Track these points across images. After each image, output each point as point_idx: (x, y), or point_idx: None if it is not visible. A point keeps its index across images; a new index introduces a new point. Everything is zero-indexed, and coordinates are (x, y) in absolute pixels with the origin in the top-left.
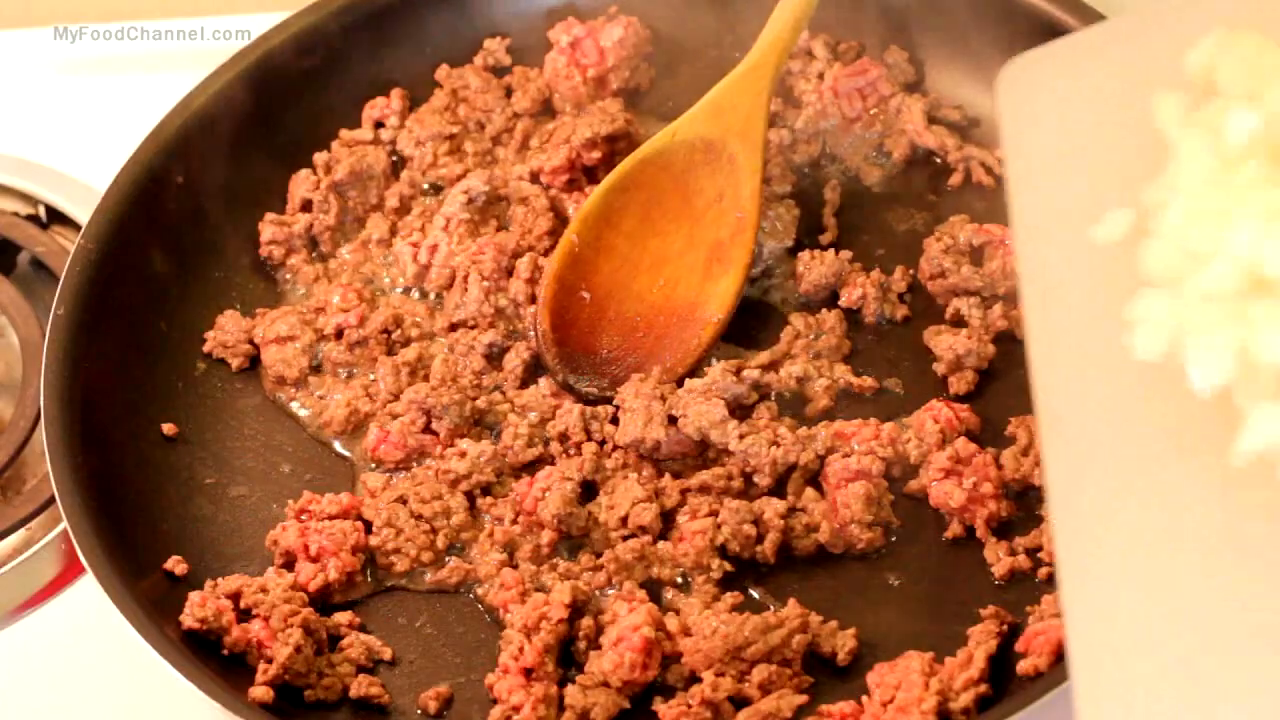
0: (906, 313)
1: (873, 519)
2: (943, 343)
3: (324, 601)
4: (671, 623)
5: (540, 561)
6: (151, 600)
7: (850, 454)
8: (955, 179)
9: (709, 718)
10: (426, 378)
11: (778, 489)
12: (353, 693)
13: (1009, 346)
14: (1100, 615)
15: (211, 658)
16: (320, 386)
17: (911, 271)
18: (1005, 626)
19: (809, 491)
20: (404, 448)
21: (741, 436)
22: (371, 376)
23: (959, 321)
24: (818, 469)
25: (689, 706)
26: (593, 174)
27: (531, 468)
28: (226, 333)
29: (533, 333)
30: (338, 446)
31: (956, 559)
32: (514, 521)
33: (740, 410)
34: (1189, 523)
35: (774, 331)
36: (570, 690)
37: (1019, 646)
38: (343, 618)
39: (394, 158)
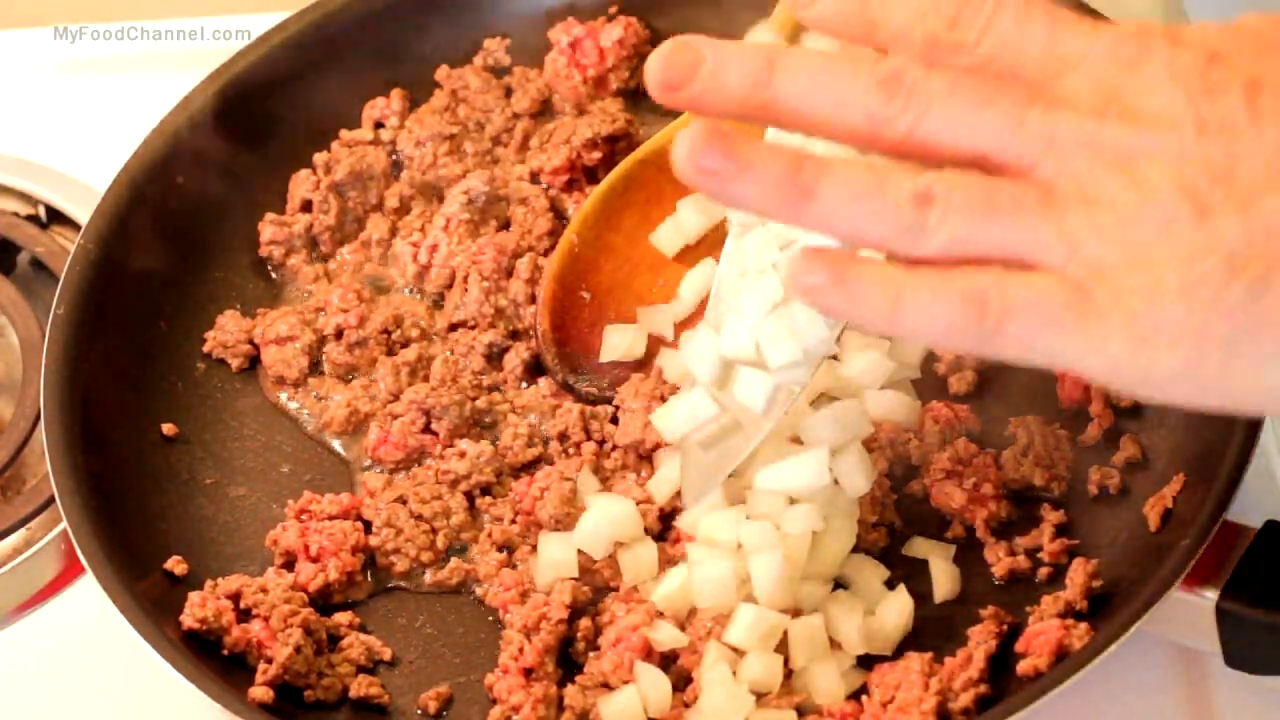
0: None
1: (876, 519)
2: None
3: (324, 601)
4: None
5: None
6: (151, 600)
7: None
8: None
9: None
10: (426, 378)
11: None
12: (353, 693)
13: None
14: None
15: (211, 658)
16: (320, 387)
17: None
18: (1005, 626)
19: None
20: (404, 448)
21: None
22: (371, 377)
23: None
24: None
25: (685, 706)
26: (593, 174)
27: (531, 468)
28: (226, 333)
29: (533, 333)
30: (337, 446)
31: (956, 559)
32: (513, 521)
33: None
34: None
35: None
36: (570, 690)
37: (1019, 647)
38: (343, 618)
39: (394, 158)
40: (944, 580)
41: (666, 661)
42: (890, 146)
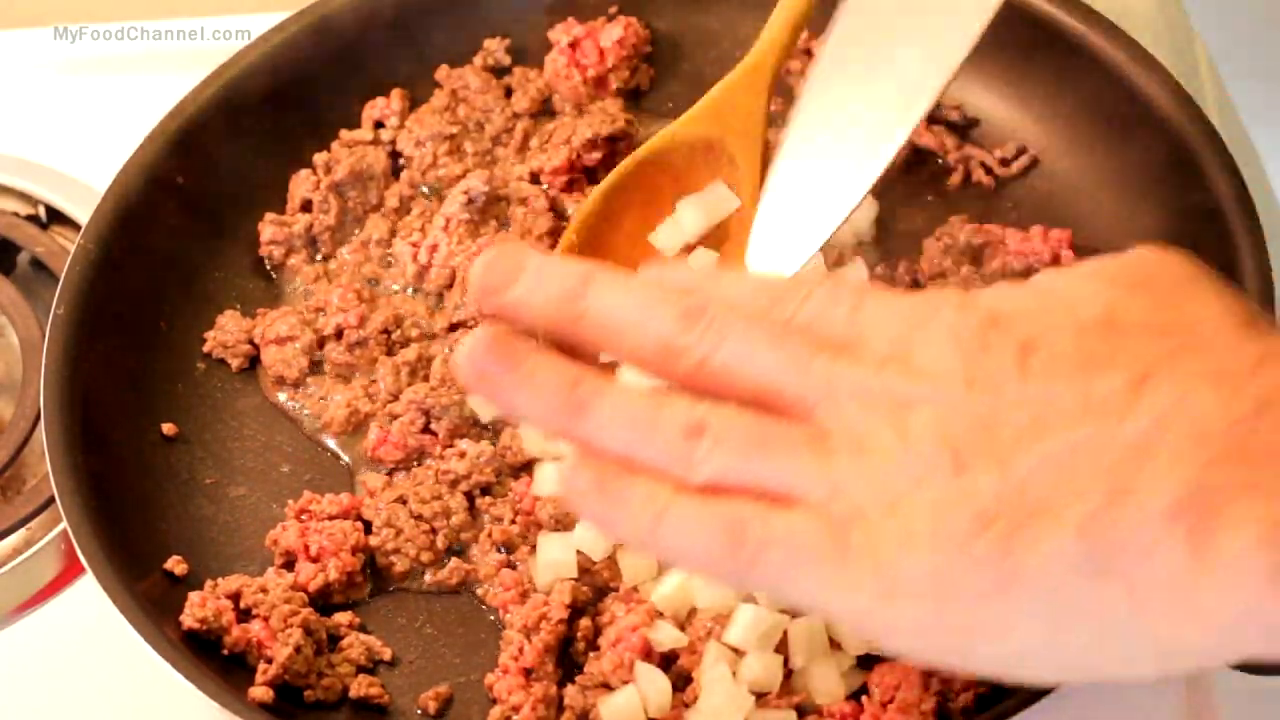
0: None
1: None
2: None
3: (324, 601)
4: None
5: None
6: (151, 600)
7: None
8: (955, 179)
9: None
10: (426, 378)
11: None
12: (352, 693)
13: None
14: None
15: (211, 658)
16: (320, 387)
17: (915, 268)
18: None
19: None
20: (404, 448)
21: None
22: (371, 377)
23: None
24: None
25: (685, 706)
26: (593, 174)
27: (531, 468)
28: (226, 333)
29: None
30: (336, 447)
31: None
32: (513, 521)
33: None
34: None
35: None
36: (570, 690)
37: None
38: (343, 618)
39: (394, 158)
40: None
41: (666, 661)
42: (682, 376)
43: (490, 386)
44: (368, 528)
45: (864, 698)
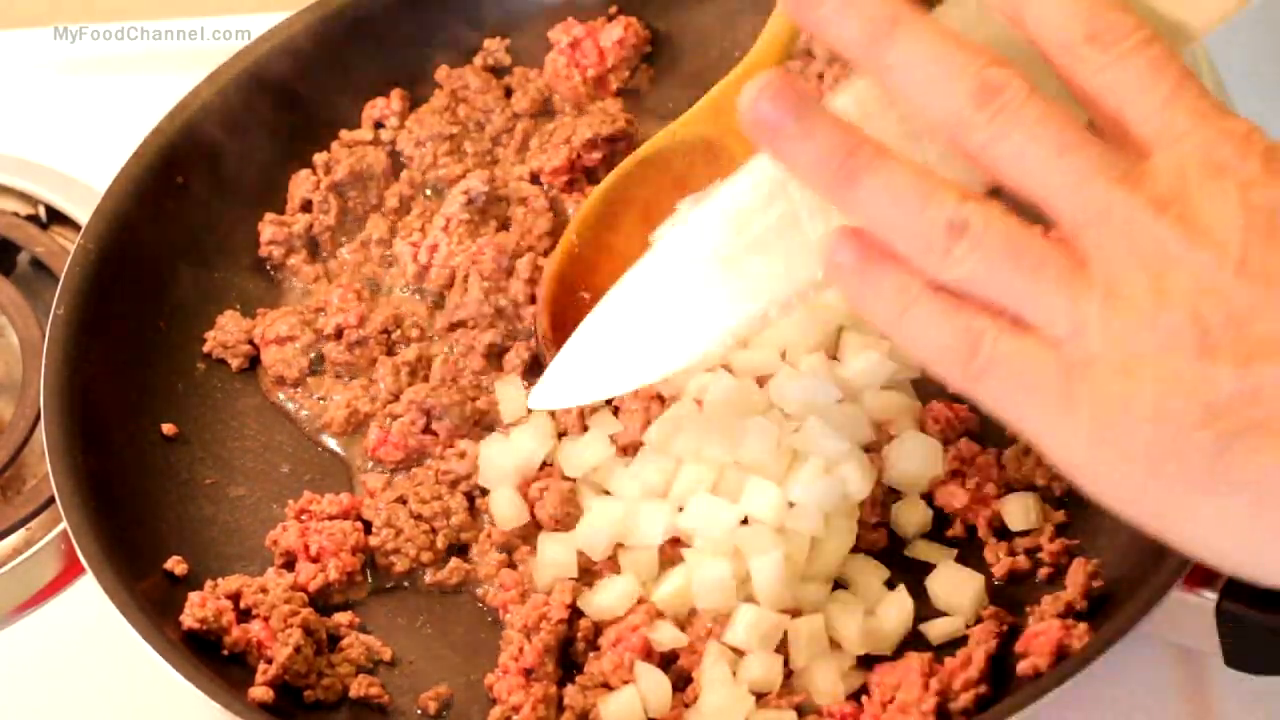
0: None
1: (877, 520)
2: None
3: (324, 601)
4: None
5: None
6: (151, 600)
7: None
8: None
9: None
10: (426, 378)
11: None
12: (352, 693)
13: None
14: None
15: (211, 658)
16: (320, 387)
17: None
18: (1005, 626)
19: None
20: (404, 448)
21: None
22: (371, 377)
23: None
24: None
25: (686, 706)
26: (593, 174)
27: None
28: (226, 333)
29: (533, 333)
30: (336, 447)
31: (957, 559)
32: None
33: None
34: None
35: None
36: (570, 690)
37: (1018, 647)
38: (343, 618)
39: (394, 158)
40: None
41: (666, 661)
42: (962, 148)
43: (768, 132)
44: (368, 528)
45: (864, 698)
